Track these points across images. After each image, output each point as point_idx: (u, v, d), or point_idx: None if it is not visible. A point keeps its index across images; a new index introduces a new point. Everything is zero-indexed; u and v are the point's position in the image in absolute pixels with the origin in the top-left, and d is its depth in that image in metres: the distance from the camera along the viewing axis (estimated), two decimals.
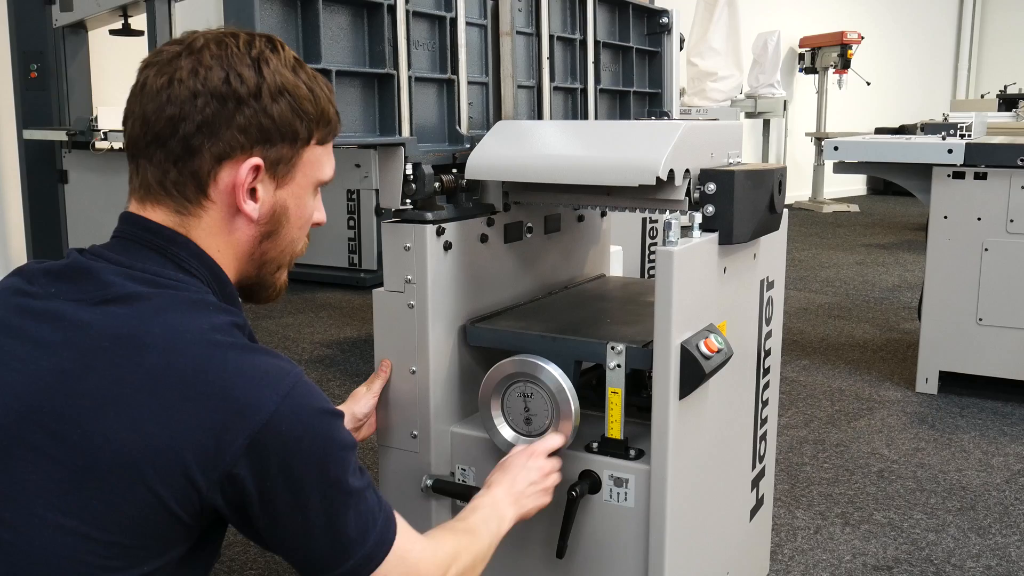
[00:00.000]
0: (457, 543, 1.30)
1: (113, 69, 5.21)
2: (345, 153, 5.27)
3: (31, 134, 4.69)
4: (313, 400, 1.08)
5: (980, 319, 3.42)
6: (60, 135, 4.59)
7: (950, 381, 3.59)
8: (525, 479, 1.51)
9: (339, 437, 1.10)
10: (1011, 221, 3.31)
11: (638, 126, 1.73)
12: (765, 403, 1.99)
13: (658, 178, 1.51)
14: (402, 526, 1.17)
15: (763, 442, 2.01)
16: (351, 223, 5.45)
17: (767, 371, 1.99)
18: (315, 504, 1.07)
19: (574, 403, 1.58)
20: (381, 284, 1.72)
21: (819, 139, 9.62)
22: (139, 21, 4.58)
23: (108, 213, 4.45)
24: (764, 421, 2.00)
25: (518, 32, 2.02)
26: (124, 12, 4.58)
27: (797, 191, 10.32)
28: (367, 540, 1.11)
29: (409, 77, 1.70)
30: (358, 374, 3.70)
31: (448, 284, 1.70)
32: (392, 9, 1.66)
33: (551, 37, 2.10)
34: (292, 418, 1.04)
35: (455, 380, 1.75)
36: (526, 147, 1.69)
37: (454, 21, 1.83)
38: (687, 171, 1.60)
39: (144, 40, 4.42)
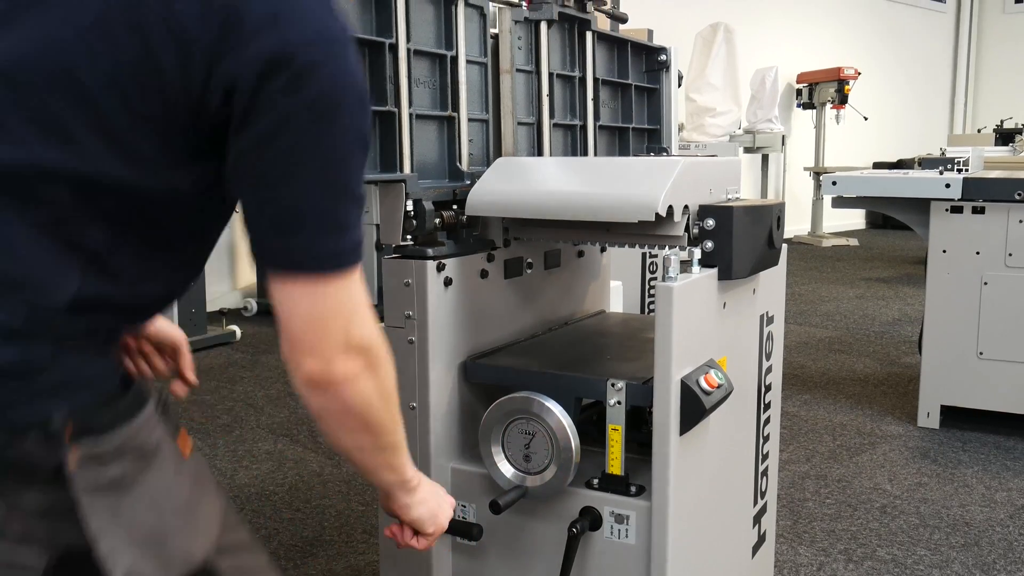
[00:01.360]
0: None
1: None
2: None
3: None
4: (360, 75, 0.96)
5: (981, 353, 3.41)
6: None
7: (952, 415, 3.57)
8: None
9: (366, 127, 0.97)
10: (1010, 255, 3.32)
11: (637, 162, 1.74)
12: (766, 438, 1.99)
13: (657, 214, 1.52)
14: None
15: (764, 478, 2.00)
16: None
17: (768, 406, 1.98)
18: (313, 164, 0.93)
19: (574, 440, 1.58)
20: (381, 319, 1.73)
21: (817, 174, 9.66)
22: None
23: None
24: (765, 456, 1.99)
25: (518, 70, 2.03)
26: None
27: (796, 225, 10.35)
28: (345, 237, 0.97)
29: (410, 114, 1.71)
30: None
31: (448, 320, 1.70)
32: (394, 48, 1.68)
33: (551, 75, 2.12)
34: (333, 65, 0.92)
35: (455, 416, 1.75)
36: (526, 183, 1.70)
37: (455, 59, 1.84)
38: (686, 207, 1.61)
39: None
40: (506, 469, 1.64)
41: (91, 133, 0.91)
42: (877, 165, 10.34)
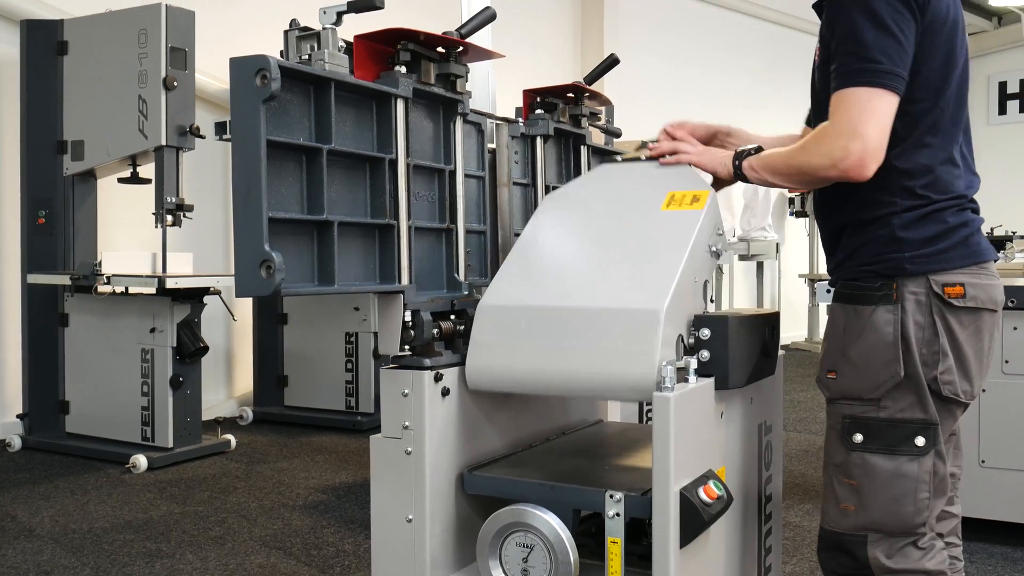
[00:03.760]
0: None
1: (118, 215, 5.34)
2: (344, 296, 5.34)
3: (35, 278, 4.75)
4: None
5: (983, 461, 3.38)
6: (64, 279, 4.66)
7: None
8: None
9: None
10: (1006, 362, 3.32)
11: (622, 316, 1.63)
12: (768, 550, 1.95)
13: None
14: None
15: None
16: (348, 366, 5.45)
17: (769, 517, 1.96)
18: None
19: (573, 554, 1.56)
20: (378, 427, 1.72)
21: (812, 280, 9.75)
22: (147, 170, 4.72)
23: (106, 355, 4.45)
24: (768, 569, 1.95)
25: (515, 183, 2.09)
26: (133, 161, 4.73)
27: (792, 332, 10.38)
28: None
29: (409, 227, 1.74)
30: (353, 521, 3.63)
31: (446, 430, 1.70)
32: (393, 163, 1.72)
33: (547, 187, 2.17)
34: None
35: (452, 529, 1.72)
36: (521, 352, 1.68)
37: (453, 173, 1.89)
38: (680, 336, 1.62)
39: (151, 188, 4.55)
40: None
41: None
42: None
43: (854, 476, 1.69)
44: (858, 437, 1.68)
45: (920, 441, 1.66)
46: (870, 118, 1.56)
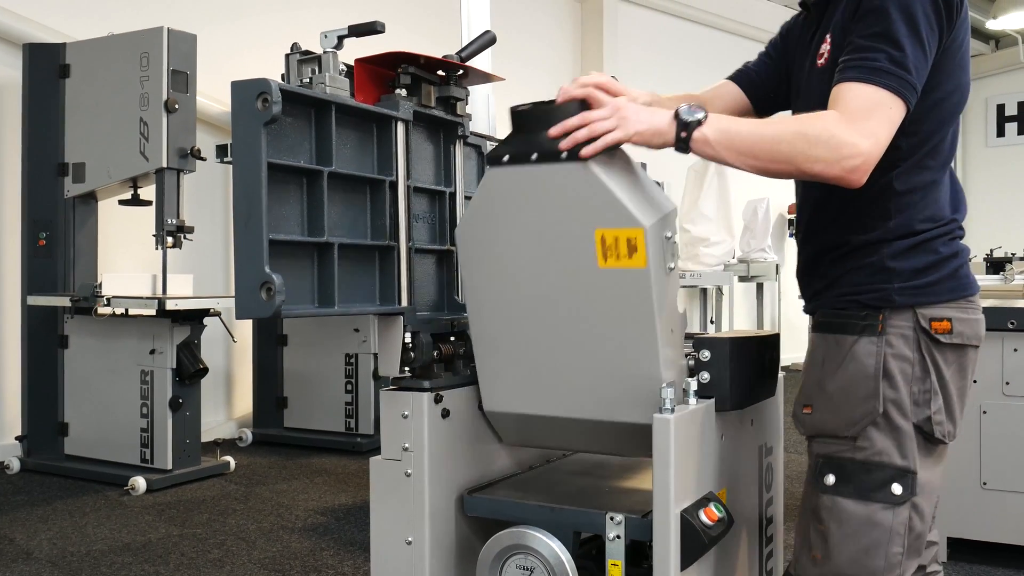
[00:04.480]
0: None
1: (119, 237, 5.35)
2: (344, 318, 5.34)
3: (35, 300, 4.75)
4: None
5: (984, 483, 3.37)
6: (64, 301, 4.66)
7: (959, 548, 3.49)
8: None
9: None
10: (1007, 384, 3.32)
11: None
12: (769, 573, 1.95)
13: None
14: None
15: None
16: (348, 387, 5.45)
17: (770, 539, 1.95)
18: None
19: None
20: (378, 449, 1.72)
21: None
22: (148, 192, 4.73)
23: (106, 377, 4.43)
24: None
25: None
26: (134, 183, 4.75)
27: (793, 353, 10.35)
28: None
29: (409, 249, 1.75)
30: (353, 543, 3.61)
31: (446, 452, 1.69)
32: (394, 185, 1.73)
33: None
34: None
35: (452, 551, 1.72)
36: (540, 439, 1.77)
37: (453, 195, 1.90)
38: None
39: (151, 210, 4.56)
40: None
41: None
42: None
43: (823, 520, 1.59)
44: (830, 479, 1.60)
45: (897, 489, 1.56)
46: (887, 125, 1.46)
